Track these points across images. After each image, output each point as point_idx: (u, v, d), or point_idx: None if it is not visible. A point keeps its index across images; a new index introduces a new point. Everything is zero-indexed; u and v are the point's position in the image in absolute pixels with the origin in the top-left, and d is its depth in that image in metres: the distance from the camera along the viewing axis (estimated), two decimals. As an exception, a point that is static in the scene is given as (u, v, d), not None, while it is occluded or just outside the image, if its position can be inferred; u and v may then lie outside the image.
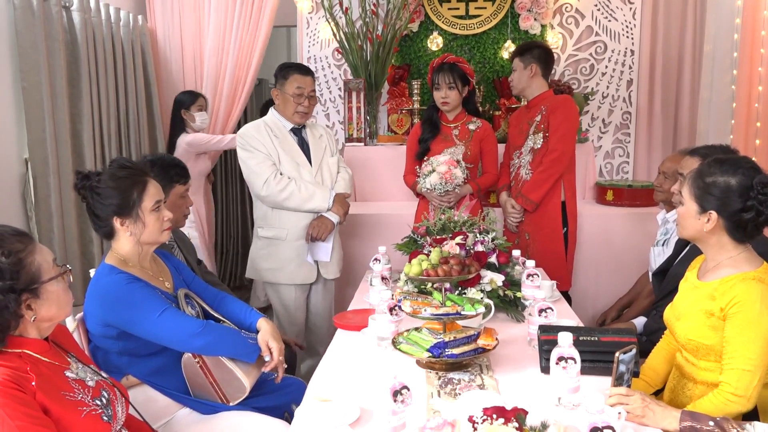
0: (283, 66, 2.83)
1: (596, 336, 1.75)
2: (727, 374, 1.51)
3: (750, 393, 1.47)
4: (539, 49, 3.10)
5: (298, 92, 2.74)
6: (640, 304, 2.78)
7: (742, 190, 1.53)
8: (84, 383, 1.39)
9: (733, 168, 1.55)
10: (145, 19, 4.05)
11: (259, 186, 2.70)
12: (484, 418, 1.20)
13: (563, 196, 3.12)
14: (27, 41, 2.79)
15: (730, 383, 1.49)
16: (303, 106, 2.77)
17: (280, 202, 2.71)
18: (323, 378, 1.75)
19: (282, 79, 2.77)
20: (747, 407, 1.49)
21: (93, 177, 1.74)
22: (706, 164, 1.61)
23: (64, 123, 2.99)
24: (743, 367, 1.48)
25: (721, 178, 1.56)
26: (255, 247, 2.87)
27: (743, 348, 1.49)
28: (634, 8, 4.14)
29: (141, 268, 1.81)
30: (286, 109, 2.79)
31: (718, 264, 1.62)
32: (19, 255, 1.29)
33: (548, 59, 3.11)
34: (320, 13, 4.23)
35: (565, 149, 3.03)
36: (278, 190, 2.69)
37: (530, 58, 3.06)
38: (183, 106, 3.73)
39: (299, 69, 2.80)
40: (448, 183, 2.90)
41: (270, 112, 2.87)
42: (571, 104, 3.08)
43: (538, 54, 3.07)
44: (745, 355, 1.48)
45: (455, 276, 1.83)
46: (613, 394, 1.46)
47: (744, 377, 1.48)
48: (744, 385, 1.47)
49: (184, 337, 1.72)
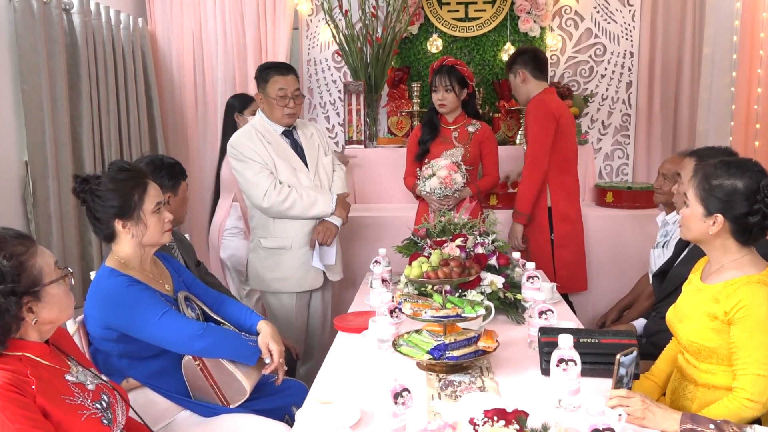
0: (262, 68, 2.73)
1: (596, 338, 1.75)
2: (742, 380, 1.49)
3: (766, 398, 1.46)
4: (521, 54, 3.13)
5: (281, 94, 2.65)
6: (640, 305, 2.78)
7: (749, 193, 1.52)
8: (84, 387, 1.39)
9: (741, 171, 1.54)
10: (146, 21, 4.06)
11: (260, 198, 2.63)
12: (485, 420, 1.20)
13: (549, 201, 3.11)
14: (27, 44, 2.79)
15: (745, 389, 1.47)
16: (289, 108, 2.68)
17: (283, 211, 2.66)
18: (324, 380, 1.75)
19: (263, 82, 2.67)
20: (762, 412, 1.48)
21: (92, 180, 1.74)
22: (712, 166, 1.59)
23: (64, 126, 2.99)
24: (758, 372, 1.46)
25: (727, 180, 1.54)
26: (257, 257, 2.79)
27: (756, 353, 1.47)
28: (634, 10, 4.15)
29: (141, 271, 1.81)
30: (272, 113, 2.70)
31: (721, 267, 1.61)
32: (20, 258, 1.29)
33: (535, 59, 3.11)
34: (320, 16, 4.23)
35: (535, 153, 3.01)
36: (280, 200, 2.63)
37: (516, 66, 3.10)
38: (236, 110, 3.51)
39: (278, 69, 2.69)
40: (447, 188, 2.90)
41: (258, 116, 2.79)
42: (540, 106, 3.02)
43: (522, 59, 3.09)
44: (759, 360, 1.47)
45: (455, 278, 1.83)
46: (614, 396, 1.46)
47: (759, 382, 1.46)
48: (759, 390, 1.46)
49: (184, 339, 1.72)
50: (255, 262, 2.82)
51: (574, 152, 3.17)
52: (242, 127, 3.19)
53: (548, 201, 3.11)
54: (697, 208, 1.59)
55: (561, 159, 3.08)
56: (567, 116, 3.10)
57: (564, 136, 3.06)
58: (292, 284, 2.76)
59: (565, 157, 3.10)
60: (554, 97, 3.12)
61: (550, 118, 3.00)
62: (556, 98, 3.14)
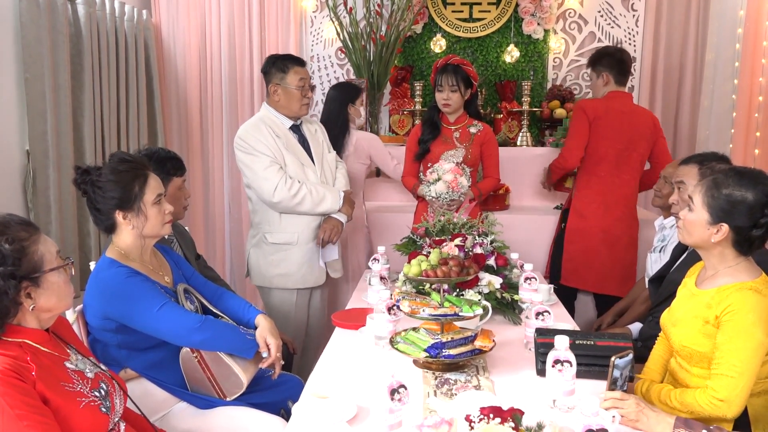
0: (277, 58, 2.73)
1: (592, 340, 1.76)
2: (713, 379, 1.52)
3: (733, 399, 1.48)
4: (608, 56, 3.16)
5: (302, 84, 2.68)
6: (636, 309, 2.78)
7: (757, 206, 1.52)
8: (83, 374, 1.40)
9: (753, 183, 1.53)
10: (150, 14, 4.05)
11: (270, 192, 2.62)
12: (481, 418, 1.21)
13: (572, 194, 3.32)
14: (31, 33, 2.79)
15: (714, 388, 1.50)
16: (307, 98, 2.72)
17: (293, 207, 2.65)
18: (321, 375, 1.76)
19: (281, 73, 2.68)
20: (731, 413, 1.50)
21: (93, 171, 1.75)
22: (723, 174, 1.58)
23: (66, 116, 2.99)
24: (727, 373, 1.49)
25: (738, 191, 1.53)
26: (261, 252, 2.77)
27: (729, 355, 1.50)
28: (637, 15, 4.16)
29: (141, 262, 1.82)
30: (291, 104, 2.71)
31: (716, 273, 1.62)
32: (22, 243, 1.30)
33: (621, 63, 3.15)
34: (324, 12, 4.24)
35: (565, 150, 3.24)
36: (291, 195, 2.62)
37: (601, 68, 3.16)
38: (350, 101, 3.30)
39: (296, 60, 2.73)
40: (454, 192, 2.88)
41: (264, 109, 2.77)
42: (578, 108, 3.16)
43: (609, 62, 3.13)
44: (730, 361, 1.49)
45: (454, 277, 1.84)
46: (608, 398, 1.47)
47: (728, 384, 1.48)
48: (727, 391, 1.48)
49: (182, 331, 1.73)
50: (258, 258, 2.80)
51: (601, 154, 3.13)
52: (354, 119, 3.25)
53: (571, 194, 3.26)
54: (703, 215, 1.59)
55: (588, 157, 3.13)
56: (606, 117, 3.08)
57: (595, 135, 3.10)
58: (295, 280, 2.76)
59: (592, 156, 3.13)
60: (607, 100, 3.12)
61: (583, 117, 3.09)
62: (610, 100, 3.12)
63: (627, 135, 3.10)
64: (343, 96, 3.29)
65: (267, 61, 2.75)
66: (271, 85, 2.71)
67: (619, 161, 3.12)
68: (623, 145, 3.10)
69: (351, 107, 3.29)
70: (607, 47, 3.44)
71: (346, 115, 3.27)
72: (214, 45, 4.19)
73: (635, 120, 3.11)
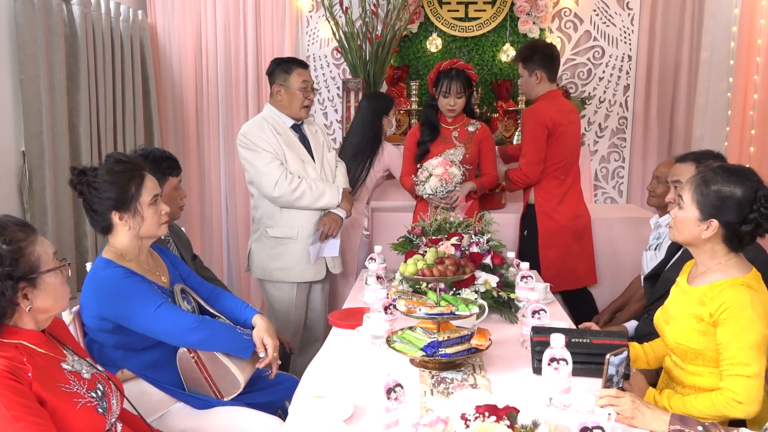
0: (281, 61, 2.83)
1: (588, 338, 1.77)
2: (729, 381, 1.51)
3: (752, 400, 1.48)
4: (539, 53, 3.11)
5: (305, 86, 2.76)
6: (631, 307, 2.80)
7: (746, 201, 1.53)
8: (80, 375, 1.40)
9: (741, 179, 1.55)
10: (146, 14, 4.05)
11: (270, 187, 2.69)
12: (476, 416, 1.21)
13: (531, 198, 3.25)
14: (26, 34, 2.79)
15: (732, 389, 1.49)
16: (309, 100, 2.80)
17: (293, 201, 2.72)
18: (317, 374, 1.76)
19: (284, 74, 2.77)
20: (749, 412, 1.50)
21: (89, 172, 1.75)
22: (711, 171, 1.59)
23: (62, 116, 2.99)
24: (744, 373, 1.49)
25: (726, 187, 1.55)
26: (262, 246, 2.84)
27: (740, 354, 1.50)
28: (633, 14, 4.17)
29: (138, 263, 1.82)
30: (292, 104, 2.78)
31: (707, 269, 1.63)
32: (19, 244, 1.30)
33: (551, 59, 3.14)
34: (320, 12, 4.23)
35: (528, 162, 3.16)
36: (291, 189, 2.69)
37: (533, 66, 3.09)
38: (385, 113, 3.24)
39: (300, 63, 2.82)
40: (448, 183, 2.91)
41: (267, 109, 2.85)
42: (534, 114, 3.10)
43: (541, 60, 3.09)
44: (742, 361, 1.49)
45: (450, 276, 1.85)
46: (604, 396, 1.47)
47: (745, 384, 1.48)
48: (747, 392, 1.48)
49: (179, 331, 1.73)
50: (259, 251, 2.86)
51: (564, 159, 3.14)
52: (386, 130, 3.25)
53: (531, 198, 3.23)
54: (693, 212, 1.60)
55: (550, 164, 3.11)
56: (563, 123, 3.08)
57: (557, 142, 3.08)
58: (294, 274, 2.80)
59: (554, 163, 3.12)
60: (554, 102, 3.11)
61: (543, 128, 3.04)
62: (556, 103, 3.12)
63: (577, 133, 3.19)
64: (379, 107, 3.25)
65: (272, 63, 2.84)
66: (275, 85, 2.80)
67: (573, 158, 3.20)
68: (577, 144, 3.21)
69: (384, 118, 3.26)
70: (536, 42, 3.44)
71: (380, 126, 3.24)
72: (210, 45, 4.18)
73: (574, 117, 3.20)
